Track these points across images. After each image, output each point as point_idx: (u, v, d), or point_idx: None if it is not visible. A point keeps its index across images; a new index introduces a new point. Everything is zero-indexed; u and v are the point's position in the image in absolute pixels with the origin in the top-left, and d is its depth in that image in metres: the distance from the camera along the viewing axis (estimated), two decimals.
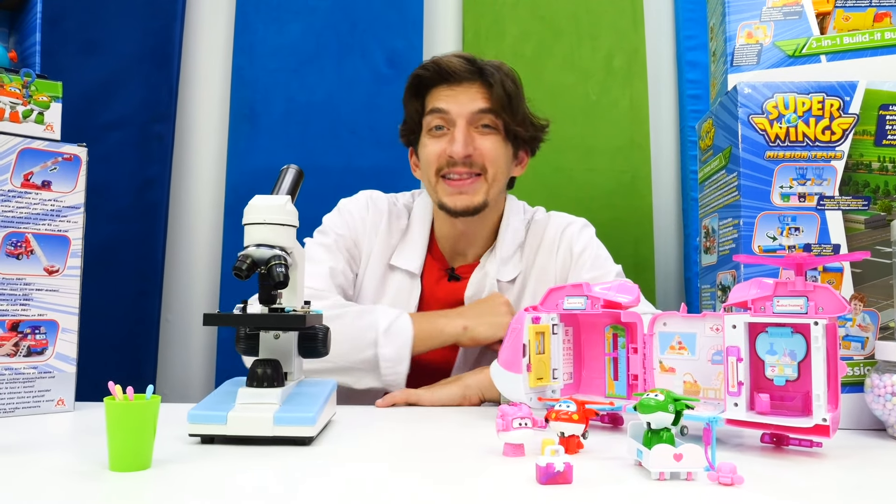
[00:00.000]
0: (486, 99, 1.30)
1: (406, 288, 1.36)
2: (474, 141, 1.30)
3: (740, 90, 1.02)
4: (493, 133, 1.31)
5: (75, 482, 0.67)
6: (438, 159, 1.31)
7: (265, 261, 0.86)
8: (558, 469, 0.67)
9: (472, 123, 1.30)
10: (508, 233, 1.39)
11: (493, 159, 1.31)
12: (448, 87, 1.31)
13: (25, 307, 0.99)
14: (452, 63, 1.30)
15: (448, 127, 1.31)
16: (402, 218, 1.43)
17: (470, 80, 1.30)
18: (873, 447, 0.88)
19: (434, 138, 1.32)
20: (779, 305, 0.82)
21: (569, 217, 1.46)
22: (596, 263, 1.37)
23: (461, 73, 1.30)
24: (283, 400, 0.86)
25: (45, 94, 1.02)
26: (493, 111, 1.30)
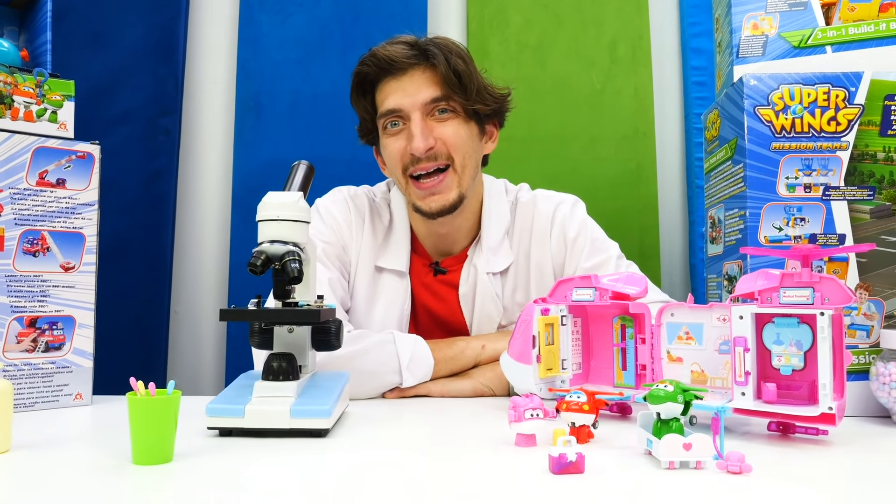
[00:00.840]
0: (434, 84, 1.23)
1: (398, 289, 1.32)
2: (434, 131, 1.24)
3: (746, 82, 1.02)
4: (451, 117, 1.25)
5: (101, 476, 0.69)
6: (402, 159, 1.25)
7: (279, 257, 0.88)
8: (571, 459, 0.69)
9: (427, 112, 1.24)
10: (492, 220, 1.34)
11: (457, 145, 1.24)
12: (394, 79, 1.25)
13: (43, 303, 1.01)
14: (391, 52, 1.23)
15: (403, 121, 1.25)
16: (383, 214, 1.39)
17: (414, 66, 1.24)
18: (878, 434, 0.90)
19: (392, 136, 1.27)
20: (785, 296, 0.84)
21: (557, 196, 1.40)
22: (594, 248, 1.33)
23: (403, 61, 1.23)
24: (298, 393, 0.88)
25: (59, 93, 1.03)
26: (445, 95, 1.24)
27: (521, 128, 1.84)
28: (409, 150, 1.23)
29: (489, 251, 1.32)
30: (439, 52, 1.23)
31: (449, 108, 1.25)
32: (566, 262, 1.34)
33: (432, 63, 1.23)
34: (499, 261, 1.33)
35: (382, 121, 1.28)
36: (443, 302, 1.34)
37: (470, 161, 1.27)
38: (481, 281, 1.31)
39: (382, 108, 1.27)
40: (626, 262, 1.36)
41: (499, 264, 1.32)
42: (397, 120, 1.26)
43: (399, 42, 1.26)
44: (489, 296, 1.31)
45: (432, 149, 1.23)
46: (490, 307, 1.31)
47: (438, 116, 1.25)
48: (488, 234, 1.33)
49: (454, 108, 1.25)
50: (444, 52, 1.23)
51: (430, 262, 1.36)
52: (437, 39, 1.26)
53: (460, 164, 1.25)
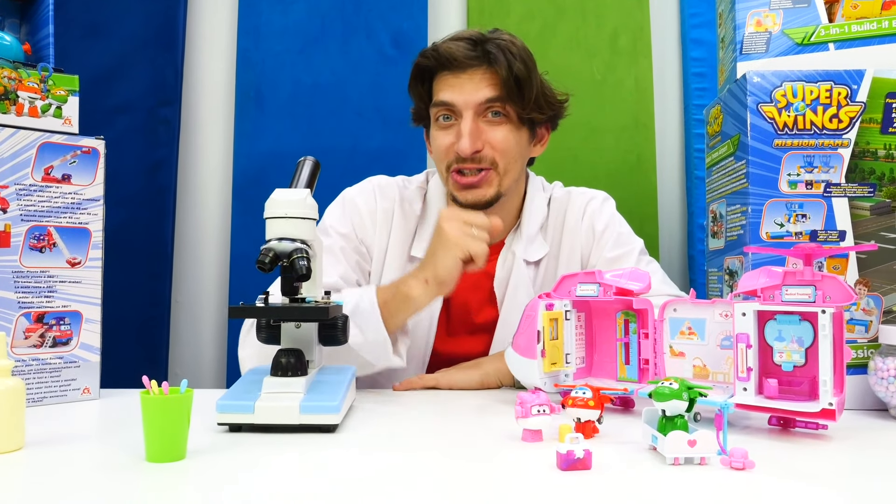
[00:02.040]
0: (492, 85, 1.22)
1: None
2: (483, 134, 1.23)
3: (749, 79, 1.03)
4: (503, 121, 1.24)
5: (117, 474, 0.70)
6: (447, 154, 1.25)
7: (287, 254, 0.89)
8: (578, 456, 0.70)
9: (480, 114, 1.23)
10: (532, 211, 1.35)
11: (504, 150, 1.24)
12: (452, 75, 1.24)
13: (50, 299, 1.02)
14: (453, 50, 1.22)
15: (455, 117, 1.25)
16: (415, 202, 1.37)
17: (474, 67, 1.22)
18: (876, 428, 0.92)
19: (441, 130, 1.27)
20: (787, 294, 0.85)
21: (588, 192, 1.42)
22: (619, 241, 1.35)
23: (463, 59, 1.22)
24: (307, 388, 0.89)
25: (63, 88, 1.03)
26: (501, 99, 1.22)
27: None
28: (456, 148, 1.23)
29: (527, 240, 1.33)
30: (501, 55, 1.21)
31: (503, 111, 1.24)
32: (592, 253, 1.35)
33: (493, 66, 1.21)
34: (535, 250, 1.34)
35: (435, 111, 1.27)
36: (475, 290, 1.32)
37: (514, 165, 1.27)
38: (517, 267, 1.32)
39: (437, 97, 1.26)
40: (648, 259, 1.37)
41: (535, 253, 1.34)
42: (449, 114, 1.25)
43: (462, 38, 1.24)
44: (523, 283, 1.31)
45: (479, 151, 1.22)
46: (522, 295, 1.30)
47: (490, 119, 1.24)
48: (528, 224, 1.34)
49: (507, 113, 1.24)
50: (505, 55, 1.21)
51: None
52: (501, 39, 1.24)
53: (504, 167, 1.25)
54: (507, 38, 1.25)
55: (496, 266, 1.33)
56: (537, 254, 1.34)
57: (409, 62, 1.39)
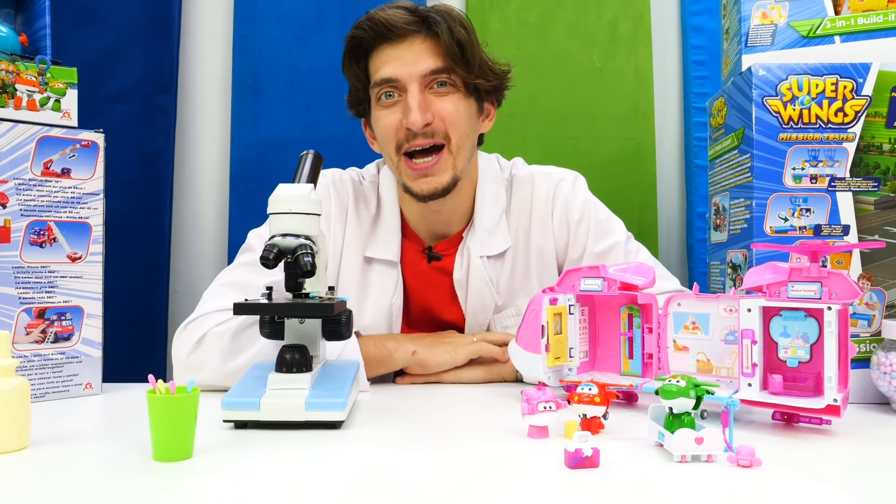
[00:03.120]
0: (435, 54, 1.15)
1: (389, 280, 1.26)
2: (431, 105, 1.16)
3: (755, 72, 1.02)
4: (451, 91, 1.17)
5: (125, 473, 0.69)
6: (396, 133, 1.17)
7: (292, 250, 0.88)
8: (587, 454, 0.70)
9: (426, 85, 1.16)
10: (486, 200, 1.28)
11: (455, 122, 1.17)
12: (391, 46, 1.16)
13: (51, 294, 1.01)
14: (390, 17, 1.14)
15: (399, 93, 1.17)
16: (370, 200, 1.31)
17: (414, 34, 1.15)
18: (879, 422, 0.92)
19: (386, 108, 1.18)
20: (793, 290, 0.85)
21: (556, 173, 1.34)
22: (600, 231, 1.29)
23: (402, 26, 1.14)
24: (312, 384, 0.88)
25: (61, 81, 1.02)
26: (447, 68, 1.16)
27: (522, 105, 1.83)
28: (405, 124, 1.15)
29: (484, 233, 1.26)
30: (442, 20, 1.15)
31: (449, 81, 1.17)
32: (570, 246, 1.29)
33: (434, 31, 1.15)
34: (495, 244, 1.27)
35: (376, 91, 1.19)
36: (437, 290, 1.29)
37: (467, 140, 1.20)
38: (474, 265, 1.25)
39: (377, 76, 1.18)
40: (636, 246, 1.32)
41: (494, 247, 1.27)
42: (392, 91, 1.17)
43: (398, 6, 1.17)
44: (483, 281, 1.26)
45: (430, 125, 1.15)
46: (485, 293, 1.26)
47: (437, 90, 1.17)
48: (482, 216, 1.27)
49: (454, 82, 1.18)
50: (446, 20, 1.15)
51: (424, 248, 1.29)
52: (438, 7, 1.18)
53: (457, 143, 1.18)
54: (443, 6, 1.19)
55: (454, 263, 1.28)
56: (497, 247, 1.27)
57: None
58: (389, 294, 1.26)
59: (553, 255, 1.30)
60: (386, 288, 1.26)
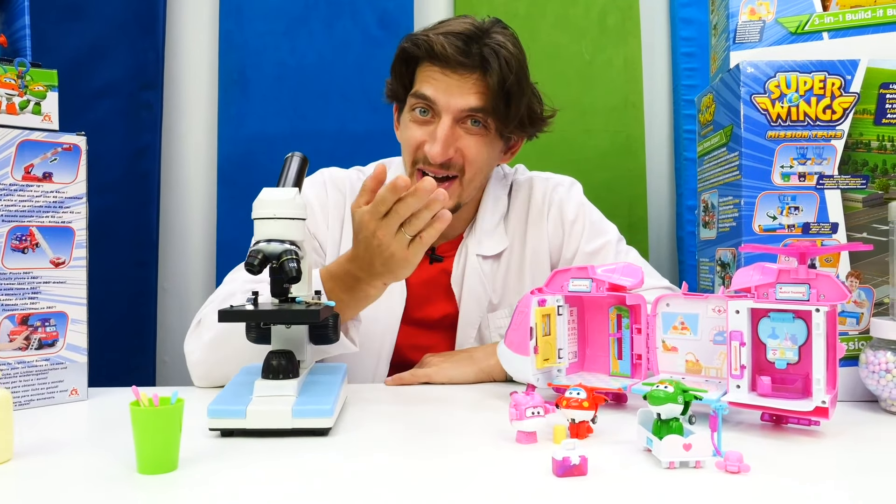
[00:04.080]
0: (479, 94, 1.16)
1: None
2: (458, 141, 1.18)
3: (743, 69, 1.02)
4: (481, 133, 1.20)
5: (108, 487, 0.69)
6: (416, 151, 1.20)
7: (277, 256, 0.87)
8: (574, 463, 0.70)
9: (460, 120, 1.18)
10: (489, 203, 1.32)
11: (474, 161, 1.20)
12: (440, 70, 1.17)
13: (34, 300, 1.00)
14: (446, 47, 1.15)
15: (433, 114, 1.19)
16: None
17: (466, 69, 1.16)
18: (868, 422, 0.92)
19: (416, 123, 1.21)
20: (781, 292, 0.85)
21: (553, 178, 1.38)
22: (593, 231, 1.33)
23: (454, 60, 1.15)
24: (298, 391, 0.88)
25: (41, 84, 1.00)
26: (485, 111, 1.17)
27: None
28: (427, 150, 1.18)
29: (483, 234, 1.31)
30: (495, 62, 1.15)
31: (483, 122, 1.19)
32: (564, 246, 1.32)
33: (485, 72, 1.16)
34: (492, 245, 1.31)
35: (413, 101, 1.21)
36: (434, 287, 1.31)
37: (480, 175, 1.24)
38: (471, 264, 1.29)
39: (419, 89, 1.20)
40: (626, 248, 1.36)
41: (491, 248, 1.31)
42: (427, 109, 1.19)
43: (456, 34, 1.16)
44: (478, 280, 1.29)
45: (449, 160, 1.19)
46: (479, 291, 1.30)
47: (469, 127, 1.19)
48: (483, 219, 1.31)
49: (487, 125, 1.20)
50: (499, 63, 1.15)
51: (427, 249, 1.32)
52: (497, 40, 1.16)
53: (469, 178, 1.21)
54: (502, 39, 1.17)
55: (453, 262, 1.31)
56: (495, 248, 1.31)
57: (396, 43, 1.35)
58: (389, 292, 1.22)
59: (547, 256, 1.33)
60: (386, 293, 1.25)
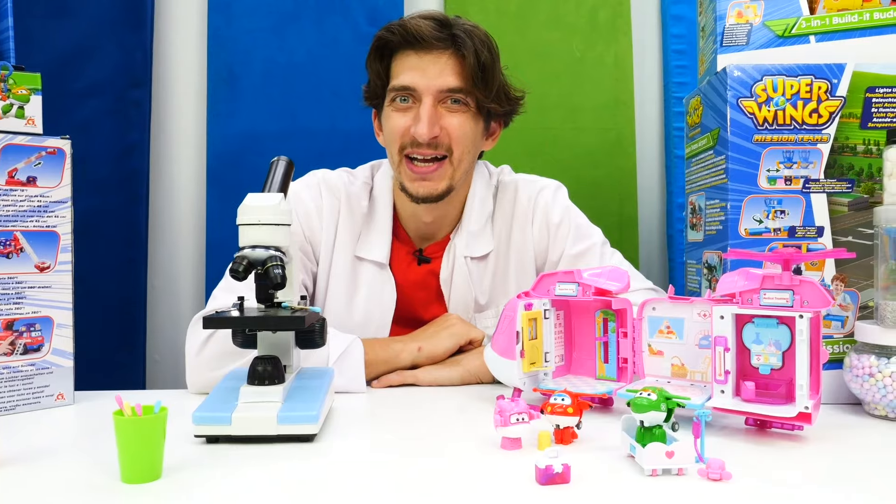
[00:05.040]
0: (457, 73, 1.20)
1: (378, 280, 1.30)
2: (441, 119, 1.21)
3: (730, 73, 1.02)
4: (462, 110, 1.22)
5: (91, 496, 0.69)
6: (402, 137, 1.22)
7: (262, 262, 0.87)
8: (557, 471, 0.70)
9: (441, 100, 1.21)
10: (475, 206, 1.33)
11: (460, 138, 1.22)
12: (415, 54, 1.20)
13: (19, 305, 0.99)
14: (421, 27, 1.18)
15: (414, 100, 1.22)
16: (361, 200, 1.33)
17: (440, 49, 1.19)
18: (852, 425, 0.93)
19: (398, 111, 1.23)
20: (766, 298, 0.85)
21: (539, 181, 1.39)
22: (578, 234, 1.34)
23: (430, 39, 1.18)
24: (284, 397, 0.88)
25: (24, 87, 0.99)
26: (464, 89, 1.21)
27: None
28: (413, 132, 1.20)
29: (469, 236, 1.32)
30: (469, 41, 1.19)
31: (463, 100, 1.22)
32: (549, 248, 1.34)
33: (460, 51, 1.19)
34: (479, 246, 1.32)
35: (392, 93, 1.24)
36: (423, 289, 1.33)
37: (468, 156, 1.26)
38: (458, 265, 1.31)
39: (397, 81, 1.22)
40: (611, 251, 1.37)
41: (478, 249, 1.32)
42: (407, 96, 1.22)
43: (429, 17, 1.21)
44: (465, 281, 1.31)
45: (436, 138, 1.21)
46: (465, 292, 1.31)
47: (450, 106, 1.22)
48: (470, 220, 1.32)
49: (468, 102, 1.23)
50: (474, 42, 1.19)
51: (414, 251, 1.34)
52: (467, 25, 1.22)
53: (458, 157, 1.24)
54: (470, 25, 1.23)
55: (441, 264, 1.32)
56: (482, 249, 1.32)
57: None
58: (380, 295, 1.30)
59: (532, 259, 1.35)
60: (376, 288, 1.30)
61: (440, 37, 1.19)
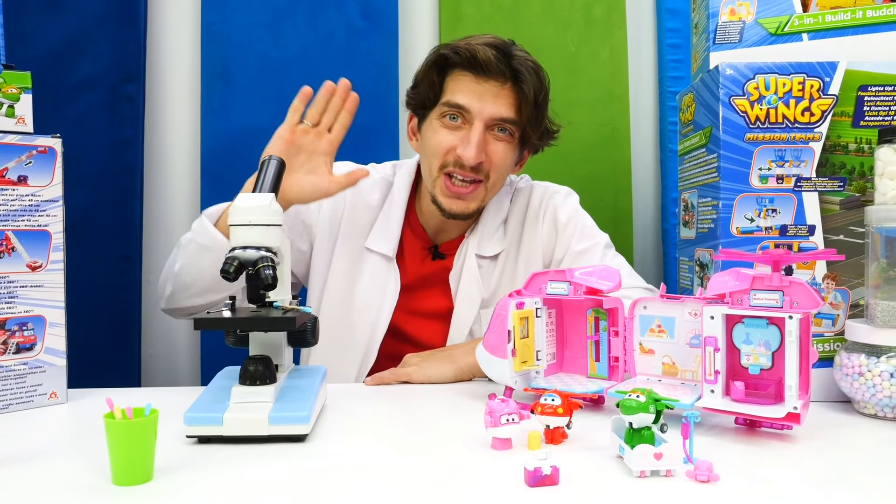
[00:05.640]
0: (511, 105, 1.24)
1: (383, 271, 1.34)
2: (487, 146, 1.25)
3: (722, 71, 1.01)
4: (507, 139, 1.27)
5: (81, 499, 0.69)
6: (446, 154, 1.26)
7: (252, 262, 0.87)
8: (546, 473, 0.71)
9: (489, 126, 1.25)
10: (492, 206, 1.38)
11: (500, 166, 1.27)
12: (474, 77, 1.24)
13: (11, 304, 0.99)
14: (489, 57, 1.21)
15: (464, 121, 1.25)
16: (375, 192, 1.38)
17: (501, 79, 1.23)
18: (841, 424, 0.93)
19: (446, 128, 1.26)
20: (755, 299, 0.85)
21: (552, 187, 1.44)
22: (583, 234, 1.37)
23: (494, 69, 1.22)
24: (276, 397, 0.88)
25: (14, 86, 0.99)
26: (516, 121, 1.25)
27: None
28: (459, 153, 1.23)
29: (483, 236, 1.36)
30: (529, 77, 1.23)
31: (510, 129, 1.27)
32: (556, 247, 1.37)
33: (519, 84, 1.23)
34: (491, 246, 1.36)
35: (445, 108, 1.26)
36: (432, 283, 1.36)
37: (500, 181, 1.32)
38: (469, 262, 1.35)
39: (452, 98, 1.25)
40: (613, 253, 1.39)
41: (490, 249, 1.36)
42: (458, 115, 1.25)
43: (493, 46, 1.23)
44: (473, 277, 1.34)
45: (480, 164, 1.24)
46: (473, 289, 1.34)
47: (497, 134, 1.26)
48: (486, 221, 1.37)
49: (513, 133, 1.27)
50: (532, 78, 1.24)
51: (429, 246, 1.38)
52: (528, 60, 1.26)
53: (493, 182, 1.29)
54: (531, 60, 1.26)
55: (453, 260, 1.36)
56: (494, 249, 1.36)
57: (380, 35, 1.34)
58: (383, 286, 1.33)
59: (540, 258, 1.38)
60: (380, 279, 1.33)
61: (502, 69, 1.23)
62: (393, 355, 1.29)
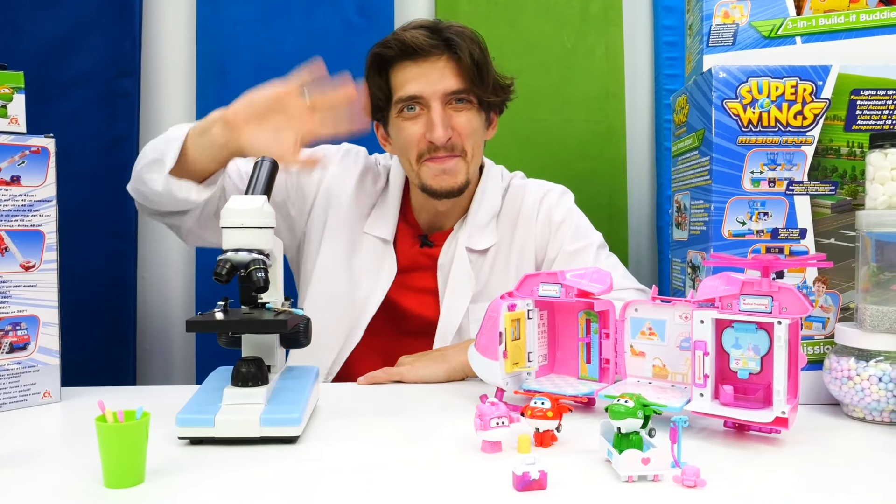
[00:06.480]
0: (456, 75, 1.27)
1: (379, 253, 1.38)
2: (451, 120, 1.27)
3: (715, 74, 1.02)
4: (467, 108, 1.29)
5: (73, 502, 0.69)
6: (418, 144, 1.28)
7: (245, 265, 0.87)
8: (534, 478, 0.71)
9: (446, 102, 1.28)
10: (484, 201, 1.39)
11: (471, 135, 1.30)
12: (414, 64, 1.27)
13: (4, 304, 1.00)
14: (417, 38, 1.25)
15: (421, 107, 1.28)
16: (378, 181, 1.43)
17: (437, 55, 1.26)
18: (830, 428, 0.94)
19: (408, 121, 1.29)
20: (745, 303, 0.86)
21: (546, 185, 1.45)
22: (577, 234, 1.38)
23: (426, 47, 1.25)
24: (268, 398, 0.88)
25: (7, 86, 0.99)
26: (466, 88, 1.28)
27: None
28: (429, 137, 1.26)
29: (474, 229, 1.37)
30: (462, 42, 1.26)
31: (467, 98, 1.29)
32: (549, 245, 1.38)
33: (455, 53, 1.26)
34: (481, 240, 1.37)
35: (400, 104, 1.29)
36: (421, 272, 1.38)
37: (478, 150, 1.34)
38: (458, 255, 1.36)
39: (402, 92, 1.28)
40: (607, 254, 1.40)
41: (480, 243, 1.37)
42: (414, 105, 1.28)
43: (420, 27, 1.28)
44: (464, 270, 1.36)
45: (450, 139, 1.27)
46: (463, 281, 1.35)
47: (455, 106, 1.28)
48: (475, 213, 1.38)
49: (470, 100, 1.30)
50: (466, 42, 1.26)
51: (419, 234, 1.40)
52: (455, 27, 1.28)
53: (470, 153, 1.31)
54: (458, 26, 1.29)
55: (440, 252, 1.38)
56: (484, 243, 1.38)
57: (376, 31, 1.35)
58: (375, 267, 1.37)
59: (533, 255, 1.39)
60: (374, 260, 1.37)
61: (435, 43, 1.26)
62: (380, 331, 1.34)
